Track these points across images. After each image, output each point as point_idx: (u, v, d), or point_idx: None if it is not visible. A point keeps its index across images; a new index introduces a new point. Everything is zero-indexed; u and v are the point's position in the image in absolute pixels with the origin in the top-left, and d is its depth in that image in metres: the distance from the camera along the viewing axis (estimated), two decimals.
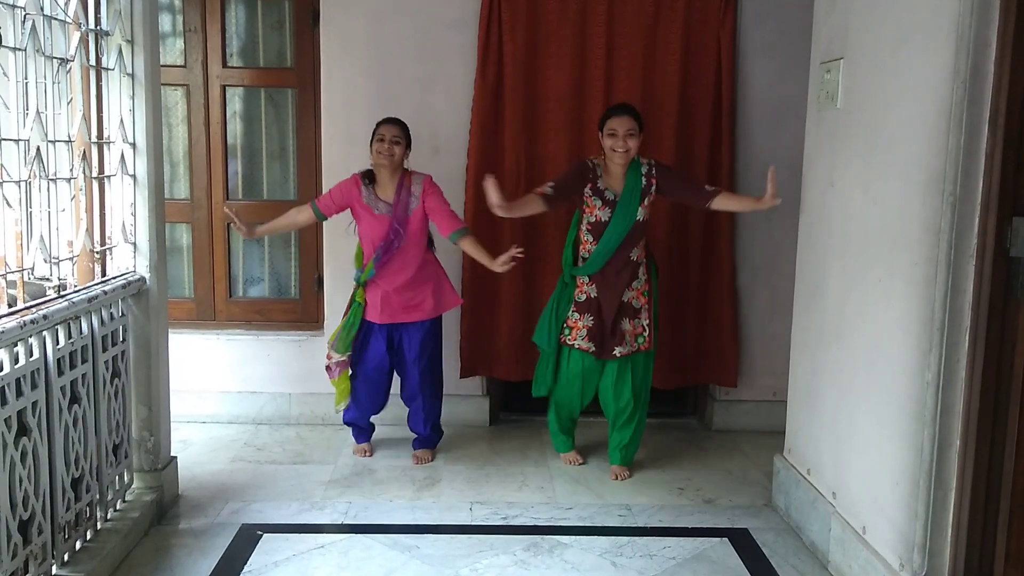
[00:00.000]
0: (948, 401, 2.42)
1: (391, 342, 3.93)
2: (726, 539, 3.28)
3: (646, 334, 3.79)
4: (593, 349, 3.76)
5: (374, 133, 3.83)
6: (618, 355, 3.76)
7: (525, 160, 4.32)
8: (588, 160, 3.78)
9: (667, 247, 4.32)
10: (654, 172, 3.72)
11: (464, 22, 4.28)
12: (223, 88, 4.53)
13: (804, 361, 3.42)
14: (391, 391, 4.09)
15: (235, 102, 4.61)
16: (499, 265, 3.67)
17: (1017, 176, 2.32)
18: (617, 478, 3.84)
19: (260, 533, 3.26)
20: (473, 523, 3.39)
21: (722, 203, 3.66)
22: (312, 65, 4.45)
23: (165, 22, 4.49)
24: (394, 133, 3.79)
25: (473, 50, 4.27)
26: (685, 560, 3.10)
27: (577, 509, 3.53)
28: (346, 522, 3.38)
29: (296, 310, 4.66)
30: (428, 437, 4.08)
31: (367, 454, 4.10)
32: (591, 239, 3.74)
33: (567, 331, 3.81)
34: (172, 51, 4.52)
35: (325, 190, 4.38)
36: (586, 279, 3.77)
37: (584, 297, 3.78)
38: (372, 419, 4.16)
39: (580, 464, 4.00)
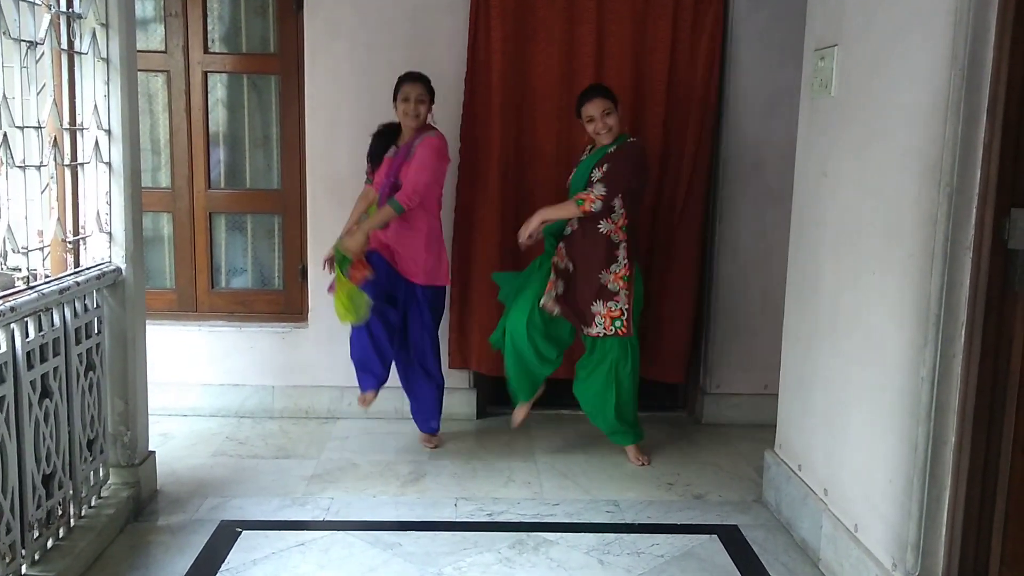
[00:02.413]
0: (943, 398, 2.36)
1: (393, 290, 3.84)
2: (715, 536, 3.22)
3: (624, 318, 3.77)
4: (557, 312, 3.82)
5: (398, 89, 3.77)
6: (583, 332, 3.85)
7: (514, 147, 4.24)
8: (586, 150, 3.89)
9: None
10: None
11: (452, 7, 4.19)
12: (205, 74, 4.43)
13: (796, 354, 3.35)
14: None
15: (217, 89, 4.51)
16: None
17: (1016, 166, 2.25)
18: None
19: (239, 530, 3.18)
20: (458, 520, 3.32)
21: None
22: (296, 51, 4.35)
23: (146, 7, 4.38)
24: (419, 92, 3.74)
25: (462, 36, 4.18)
26: (673, 557, 3.04)
27: (564, 505, 3.46)
28: (328, 518, 3.30)
29: (280, 301, 4.58)
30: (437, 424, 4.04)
31: (368, 404, 3.97)
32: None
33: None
34: (153, 36, 4.42)
35: (309, 178, 4.31)
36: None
37: (563, 264, 3.86)
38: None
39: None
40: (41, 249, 2.86)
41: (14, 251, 2.63)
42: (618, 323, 3.73)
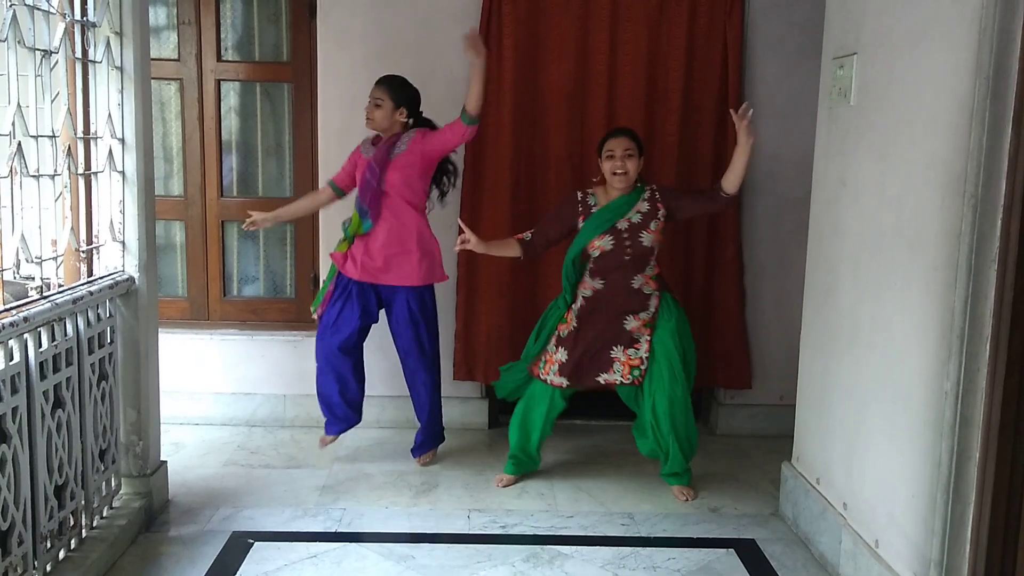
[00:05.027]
0: (967, 412, 2.32)
1: (367, 313, 3.78)
2: (732, 550, 3.18)
3: (642, 367, 3.56)
4: (566, 384, 3.59)
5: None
6: (602, 383, 3.58)
7: (525, 156, 4.21)
8: (577, 192, 3.61)
9: (669, 249, 4.20)
10: (658, 196, 3.52)
11: (465, 14, 4.16)
12: (218, 82, 4.42)
13: (814, 366, 3.31)
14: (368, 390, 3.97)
15: (230, 97, 4.50)
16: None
17: None
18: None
19: (251, 541, 3.16)
20: (471, 532, 3.29)
21: (729, 183, 3.43)
22: (309, 59, 4.34)
23: (159, 15, 4.38)
24: (376, 96, 3.73)
25: None
26: (690, 572, 3.00)
27: (578, 517, 3.42)
28: (340, 530, 3.27)
29: (291, 310, 4.55)
30: (427, 437, 3.96)
31: (325, 445, 3.96)
32: (597, 279, 3.55)
33: (542, 363, 3.64)
34: (166, 44, 4.42)
35: (321, 187, 4.29)
36: (574, 307, 3.60)
37: (567, 332, 3.60)
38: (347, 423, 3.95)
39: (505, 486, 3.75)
40: (55, 258, 2.85)
41: (28, 260, 2.62)
42: (635, 372, 3.59)
